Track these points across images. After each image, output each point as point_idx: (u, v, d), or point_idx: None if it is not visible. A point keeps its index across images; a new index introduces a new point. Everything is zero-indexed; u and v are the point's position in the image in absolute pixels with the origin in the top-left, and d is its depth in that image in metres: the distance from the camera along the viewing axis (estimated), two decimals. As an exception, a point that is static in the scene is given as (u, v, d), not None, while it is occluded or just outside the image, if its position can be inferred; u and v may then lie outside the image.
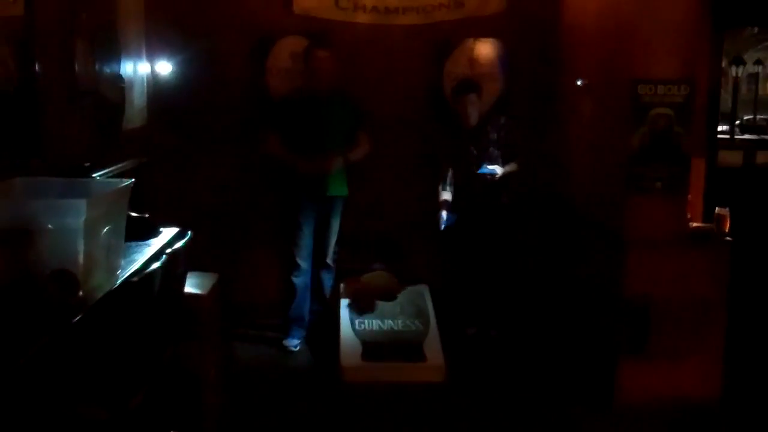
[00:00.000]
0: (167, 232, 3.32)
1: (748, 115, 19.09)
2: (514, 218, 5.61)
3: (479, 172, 5.36)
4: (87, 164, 3.67)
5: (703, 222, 4.75)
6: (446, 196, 5.55)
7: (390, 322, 5.43)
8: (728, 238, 4.56)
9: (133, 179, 2.86)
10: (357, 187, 5.61)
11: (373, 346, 5.18)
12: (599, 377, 4.70)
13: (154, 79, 5.44)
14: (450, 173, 5.55)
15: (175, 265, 2.95)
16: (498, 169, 5.39)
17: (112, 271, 2.66)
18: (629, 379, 4.51)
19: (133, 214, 3.15)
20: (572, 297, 5.36)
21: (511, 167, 5.46)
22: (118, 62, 4.65)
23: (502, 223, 5.55)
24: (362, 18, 5.93)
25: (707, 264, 4.50)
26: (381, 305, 5.59)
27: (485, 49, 6.05)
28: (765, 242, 5.83)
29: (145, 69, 5.29)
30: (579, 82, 5.35)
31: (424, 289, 5.79)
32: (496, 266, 5.58)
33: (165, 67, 5.61)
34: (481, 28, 6.01)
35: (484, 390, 4.90)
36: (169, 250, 2.95)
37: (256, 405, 4.62)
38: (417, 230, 5.88)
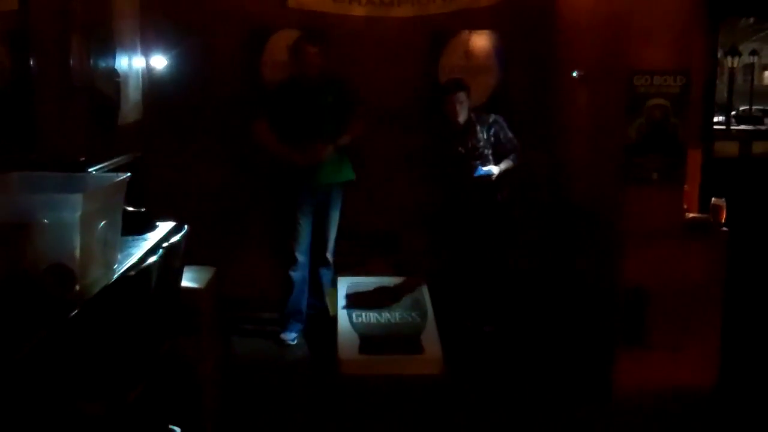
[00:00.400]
0: (164, 226, 3.32)
1: (743, 105, 19.13)
2: (510, 215, 5.59)
3: (476, 175, 5.35)
4: (83, 159, 3.66)
5: (699, 212, 4.76)
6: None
7: (387, 314, 5.44)
8: (724, 229, 4.57)
9: (129, 173, 2.86)
10: (353, 180, 5.60)
11: (370, 339, 5.18)
12: (597, 368, 4.71)
13: (149, 74, 5.43)
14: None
15: (172, 259, 2.94)
16: (494, 169, 5.38)
17: (108, 265, 2.66)
18: (626, 370, 4.52)
19: (130, 209, 3.15)
20: (569, 289, 5.37)
21: (507, 164, 5.44)
22: (113, 57, 4.65)
23: (497, 220, 5.53)
24: (357, 11, 5.92)
25: (704, 254, 4.51)
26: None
27: (481, 41, 6.05)
28: (761, 232, 5.84)
29: (140, 63, 5.28)
30: (575, 74, 5.34)
31: (421, 282, 5.79)
32: (490, 263, 5.56)
33: (160, 62, 5.60)
34: (476, 20, 6.00)
35: (481, 382, 4.91)
36: (165, 244, 2.95)
37: (253, 398, 4.62)
38: (414, 223, 5.88)
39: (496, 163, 5.42)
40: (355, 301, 5.51)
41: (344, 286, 5.68)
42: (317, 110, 5.37)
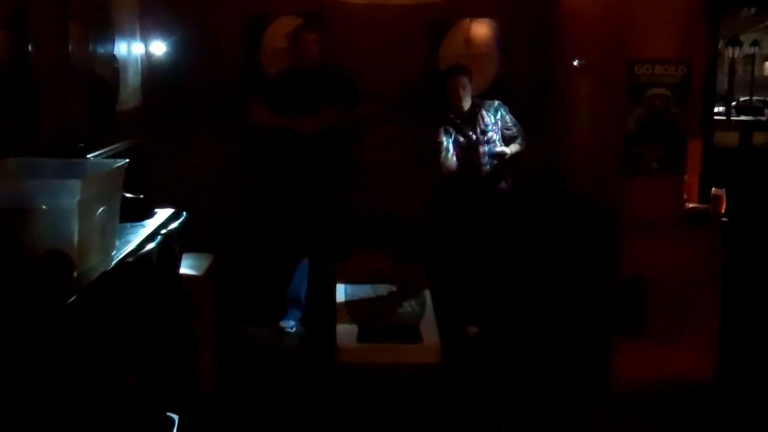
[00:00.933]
0: (162, 213, 3.30)
1: (744, 96, 19.06)
2: (512, 208, 5.54)
3: (490, 153, 5.31)
4: (81, 145, 3.64)
5: (699, 203, 4.75)
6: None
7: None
8: (724, 219, 4.57)
9: (128, 159, 2.84)
10: (353, 169, 5.59)
11: (369, 328, 5.18)
12: (595, 359, 4.71)
13: (148, 60, 5.41)
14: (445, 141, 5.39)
15: (171, 245, 2.93)
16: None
17: (106, 251, 2.64)
18: (625, 361, 4.52)
19: (128, 195, 3.13)
20: (568, 278, 5.36)
21: (515, 148, 5.40)
22: (112, 43, 4.62)
23: (499, 215, 5.47)
24: (357, -2, 5.90)
25: (703, 244, 4.51)
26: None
27: (481, 29, 6.04)
28: (761, 223, 5.83)
29: (140, 49, 5.25)
30: (576, 63, 5.32)
31: (420, 270, 5.78)
32: (488, 262, 5.52)
33: (159, 48, 5.57)
34: (476, 8, 6.00)
35: (480, 372, 4.92)
36: (164, 231, 2.94)
37: (252, 386, 4.63)
38: (414, 212, 5.87)
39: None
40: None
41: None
42: (318, 102, 5.33)
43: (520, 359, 5.07)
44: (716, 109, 6.16)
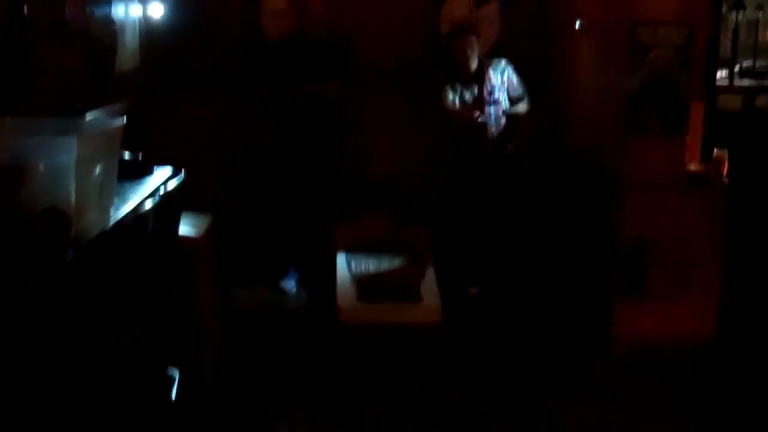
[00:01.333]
0: (161, 172, 3.30)
1: (747, 60, 18.92)
2: (516, 169, 5.52)
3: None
4: (79, 105, 3.63)
5: (701, 164, 4.74)
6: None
7: (386, 262, 5.45)
8: (726, 181, 4.56)
9: (125, 117, 2.83)
10: (355, 132, 5.57)
11: (369, 287, 5.20)
12: (596, 319, 4.72)
13: (146, 21, 5.37)
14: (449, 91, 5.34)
15: (169, 204, 2.93)
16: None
17: (104, 210, 2.64)
18: (625, 320, 4.54)
19: (127, 154, 3.13)
20: (570, 240, 5.36)
21: (524, 108, 5.39)
22: (110, 5, 4.59)
23: (503, 176, 5.45)
24: (358, -42, 5.84)
25: (704, 206, 4.51)
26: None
27: (483, -10, 5.97)
28: (763, 184, 5.81)
29: (138, 11, 5.22)
30: (578, 24, 5.28)
31: (420, 230, 5.78)
32: (490, 222, 5.50)
33: (157, 9, 5.53)
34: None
35: (480, 332, 4.93)
36: (163, 190, 2.93)
37: (252, 345, 4.65)
38: (416, 171, 5.86)
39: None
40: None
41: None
42: (315, 71, 5.32)
43: (521, 320, 5.08)
44: (719, 74, 6.11)
